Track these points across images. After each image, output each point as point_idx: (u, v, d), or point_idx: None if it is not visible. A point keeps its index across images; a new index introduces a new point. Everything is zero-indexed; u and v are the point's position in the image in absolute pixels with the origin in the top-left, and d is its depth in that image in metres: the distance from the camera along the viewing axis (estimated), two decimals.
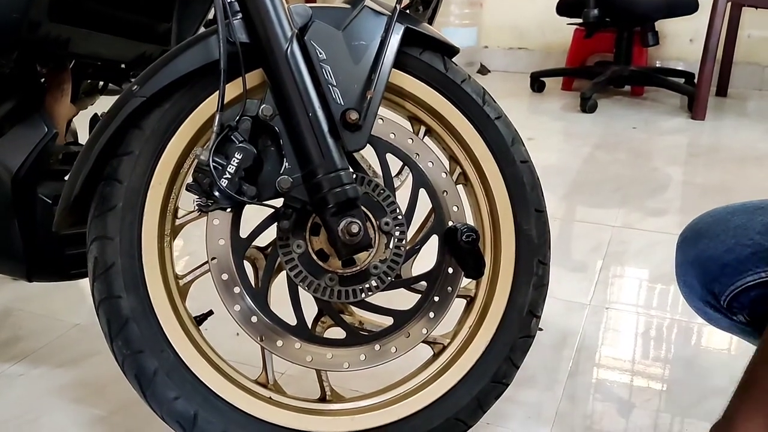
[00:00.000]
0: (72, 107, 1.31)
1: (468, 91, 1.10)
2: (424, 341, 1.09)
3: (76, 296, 1.70)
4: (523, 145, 1.12)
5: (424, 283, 1.09)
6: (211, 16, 1.41)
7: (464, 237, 1.03)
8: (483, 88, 1.12)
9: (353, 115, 0.97)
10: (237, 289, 1.02)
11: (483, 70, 4.63)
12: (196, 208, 1.00)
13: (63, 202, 1.02)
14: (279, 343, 1.04)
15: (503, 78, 4.53)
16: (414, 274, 1.10)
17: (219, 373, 1.03)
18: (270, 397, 1.05)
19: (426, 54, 1.08)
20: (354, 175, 0.99)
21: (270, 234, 1.04)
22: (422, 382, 1.10)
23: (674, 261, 1.06)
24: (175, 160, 1.02)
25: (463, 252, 1.05)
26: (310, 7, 1.00)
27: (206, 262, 1.03)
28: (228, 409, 1.02)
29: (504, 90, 4.09)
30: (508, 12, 4.66)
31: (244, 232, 1.03)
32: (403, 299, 1.10)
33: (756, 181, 2.61)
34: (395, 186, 1.07)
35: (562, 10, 3.85)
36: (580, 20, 3.76)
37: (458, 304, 1.13)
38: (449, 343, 1.12)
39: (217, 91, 0.96)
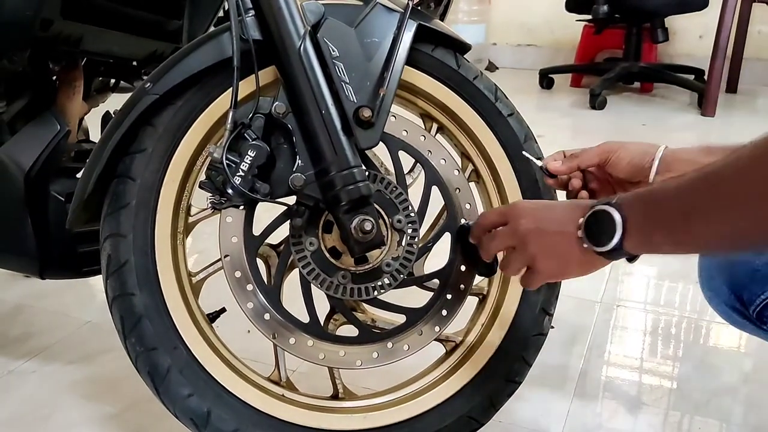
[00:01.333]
0: (84, 105, 1.31)
1: (480, 87, 1.09)
2: (436, 339, 1.09)
3: (88, 293, 1.70)
4: (536, 142, 1.12)
5: (436, 280, 1.09)
6: (222, 13, 1.42)
7: None
8: (495, 85, 1.11)
9: (366, 113, 0.97)
10: (250, 287, 1.03)
11: (491, 67, 4.62)
12: (210, 205, 1.01)
13: (76, 200, 1.02)
14: (291, 340, 1.04)
15: (512, 75, 4.52)
16: (426, 272, 1.09)
17: (232, 371, 1.03)
18: (282, 395, 1.06)
19: (438, 51, 1.08)
20: (367, 173, 0.99)
21: (283, 231, 1.04)
22: (435, 379, 1.10)
23: (697, 264, 1.02)
24: (188, 158, 1.02)
25: (475, 250, 1.04)
26: (323, 4, 1.00)
27: (219, 260, 1.03)
28: (241, 407, 1.02)
29: (512, 87, 4.06)
30: (516, 8, 4.66)
31: (257, 229, 1.04)
32: (415, 297, 1.10)
33: None
34: (407, 183, 1.07)
35: (571, 6, 3.84)
36: (589, 16, 3.75)
37: (471, 302, 1.12)
38: (462, 341, 1.12)
39: (230, 89, 0.96)
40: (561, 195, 1.12)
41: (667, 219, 0.72)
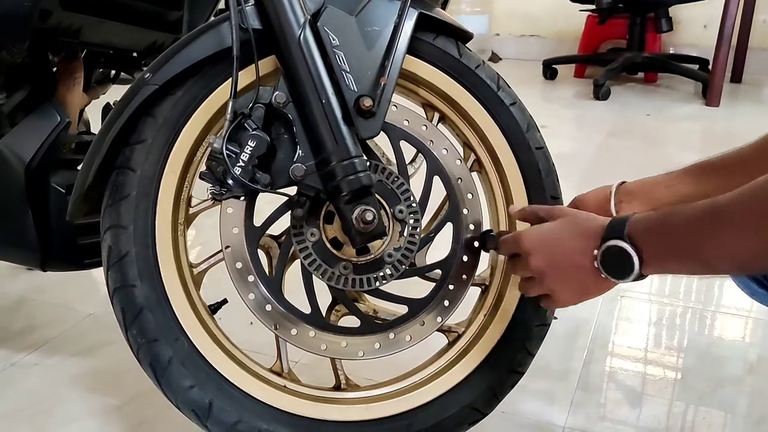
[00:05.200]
0: (84, 96, 1.31)
1: (482, 76, 1.08)
2: (438, 330, 1.08)
3: (90, 286, 1.70)
4: (539, 131, 1.11)
5: (438, 271, 1.08)
6: (222, 4, 1.41)
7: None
8: (497, 74, 1.11)
9: (367, 102, 0.97)
10: (251, 278, 1.02)
11: (494, 58, 4.60)
12: (210, 196, 1.00)
13: (76, 191, 1.02)
14: (293, 331, 1.03)
15: (515, 65, 4.50)
16: (428, 263, 1.09)
17: (233, 362, 1.03)
18: (285, 386, 1.05)
19: (440, 39, 1.07)
20: (368, 163, 0.98)
21: (284, 222, 1.04)
22: (437, 370, 1.09)
23: None
24: (189, 149, 1.01)
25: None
26: None
27: (220, 251, 1.03)
28: (243, 398, 1.01)
29: (516, 78, 4.02)
30: None
31: (258, 220, 1.03)
32: (417, 287, 1.09)
33: None
34: (409, 173, 1.07)
35: None
36: (592, 6, 3.73)
37: (473, 293, 1.12)
38: (464, 332, 1.11)
39: (230, 79, 0.96)
40: (566, 197, 1.11)
41: (681, 249, 0.77)
